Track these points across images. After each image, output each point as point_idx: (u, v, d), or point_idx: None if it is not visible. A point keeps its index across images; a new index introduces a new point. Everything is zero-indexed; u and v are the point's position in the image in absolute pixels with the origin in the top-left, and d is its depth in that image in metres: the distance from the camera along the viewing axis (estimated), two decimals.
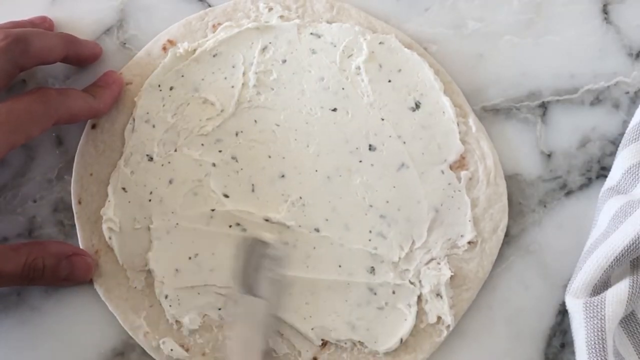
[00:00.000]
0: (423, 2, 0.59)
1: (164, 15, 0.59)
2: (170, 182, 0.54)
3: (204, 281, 0.53)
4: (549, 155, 0.57)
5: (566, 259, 0.55)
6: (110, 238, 0.54)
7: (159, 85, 0.56)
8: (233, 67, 0.56)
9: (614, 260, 0.51)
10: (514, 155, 0.57)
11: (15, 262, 0.50)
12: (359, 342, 0.53)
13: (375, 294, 0.54)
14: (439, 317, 0.54)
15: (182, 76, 0.56)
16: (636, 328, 0.53)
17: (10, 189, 0.56)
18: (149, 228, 0.54)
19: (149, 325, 0.53)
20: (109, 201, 0.54)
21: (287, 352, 0.53)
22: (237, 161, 0.55)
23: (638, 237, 0.51)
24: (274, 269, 0.52)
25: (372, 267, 0.54)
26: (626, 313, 0.52)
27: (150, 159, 0.55)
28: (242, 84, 0.56)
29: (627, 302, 0.51)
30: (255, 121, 0.55)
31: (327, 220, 0.54)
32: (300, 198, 0.54)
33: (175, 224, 0.54)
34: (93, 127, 0.56)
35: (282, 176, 0.55)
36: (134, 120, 0.55)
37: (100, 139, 0.56)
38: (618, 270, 0.53)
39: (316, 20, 0.58)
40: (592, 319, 0.50)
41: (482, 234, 0.55)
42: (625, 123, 0.57)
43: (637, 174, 0.54)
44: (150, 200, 0.54)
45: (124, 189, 0.54)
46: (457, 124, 0.56)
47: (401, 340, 0.53)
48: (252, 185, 0.55)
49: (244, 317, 0.52)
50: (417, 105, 0.56)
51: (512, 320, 0.55)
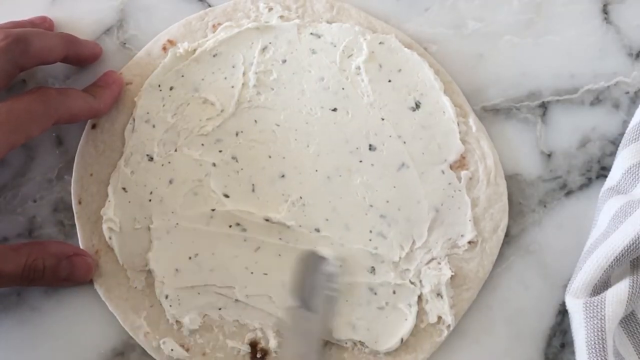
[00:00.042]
0: (423, 2, 0.59)
1: (164, 15, 0.59)
2: (170, 182, 0.54)
3: (204, 281, 0.53)
4: (549, 155, 0.57)
5: (566, 259, 0.55)
6: (110, 238, 0.54)
7: (159, 85, 0.56)
8: (233, 67, 0.56)
9: (614, 260, 0.51)
10: (514, 155, 0.57)
11: (16, 263, 0.50)
12: (360, 342, 0.53)
13: (375, 293, 0.53)
14: (440, 317, 0.53)
15: (182, 76, 0.56)
16: (636, 328, 0.53)
17: (10, 189, 0.56)
18: (149, 228, 0.54)
19: (149, 325, 0.53)
20: (109, 201, 0.54)
21: None
22: (237, 161, 0.55)
23: (638, 237, 0.51)
24: (328, 285, 0.52)
25: (372, 267, 0.54)
26: (626, 313, 0.52)
27: (151, 159, 0.55)
28: (242, 84, 0.56)
29: (627, 302, 0.51)
30: (255, 121, 0.55)
31: (327, 220, 0.54)
32: (301, 198, 0.54)
33: (175, 224, 0.54)
34: (93, 127, 0.56)
35: (282, 176, 0.55)
36: (134, 120, 0.55)
37: (100, 139, 0.56)
38: (618, 270, 0.53)
39: (316, 20, 0.58)
40: (592, 319, 0.50)
41: (483, 233, 0.55)
42: (625, 123, 0.57)
43: (637, 174, 0.54)
44: (150, 200, 0.54)
45: (124, 189, 0.54)
46: (457, 124, 0.56)
47: (402, 340, 0.53)
48: (252, 185, 0.55)
49: (299, 331, 0.51)
50: (417, 105, 0.56)
51: (512, 320, 0.55)
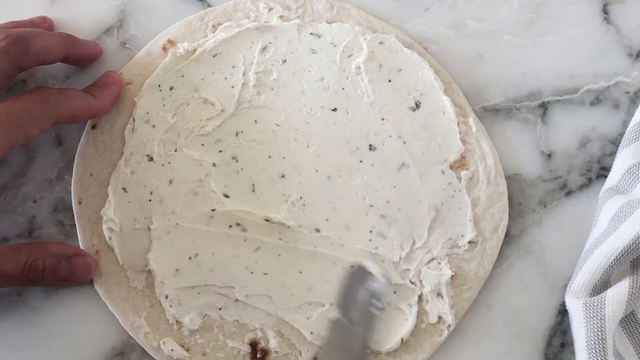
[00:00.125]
0: (423, 2, 0.59)
1: (164, 15, 0.59)
2: (170, 182, 0.54)
3: (204, 281, 0.53)
4: (549, 155, 0.57)
5: (566, 259, 0.55)
6: (110, 238, 0.54)
7: (159, 85, 0.56)
8: (233, 67, 0.56)
9: (614, 260, 0.51)
10: (514, 155, 0.57)
11: (16, 263, 0.50)
12: None
13: None
14: (440, 317, 0.53)
15: (182, 76, 0.56)
16: (636, 328, 0.53)
17: (10, 189, 0.56)
18: (149, 228, 0.54)
19: (149, 326, 0.53)
20: (109, 201, 0.54)
21: (287, 352, 0.53)
22: (237, 161, 0.55)
23: (638, 237, 0.51)
24: (373, 302, 0.51)
25: None
26: (626, 313, 0.52)
27: (151, 159, 0.55)
28: (242, 84, 0.56)
29: (627, 302, 0.51)
30: (256, 121, 0.55)
31: (327, 220, 0.54)
32: (301, 198, 0.54)
33: (175, 224, 0.54)
34: (93, 127, 0.56)
35: (283, 176, 0.55)
36: (134, 120, 0.55)
37: (100, 139, 0.55)
38: (618, 270, 0.53)
39: (316, 20, 0.58)
40: (592, 319, 0.50)
41: (483, 233, 0.55)
42: (625, 123, 0.57)
43: (637, 174, 0.54)
44: (150, 201, 0.54)
45: (124, 189, 0.54)
46: (457, 124, 0.56)
47: (402, 340, 0.53)
48: (253, 185, 0.55)
49: (339, 344, 0.50)
50: (417, 105, 0.56)
51: (512, 320, 0.55)
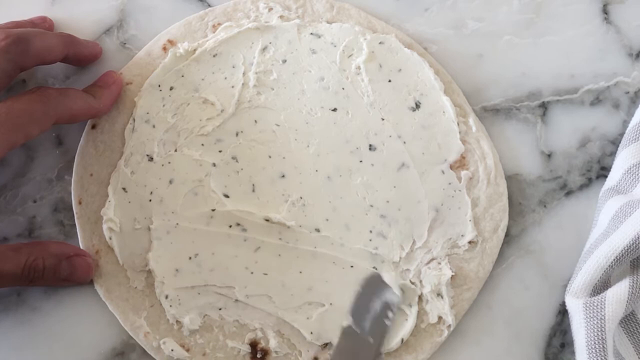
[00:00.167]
0: (423, 2, 0.59)
1: (164, 15, 0.59)
2: (170, 182, 0.54)
3: (204, 281, 0.53)
4: (549, 155, 0.57)
5: (566, 259, 0.55)
6: (110, 238, 0.54)
7: (159, 85, 0.56)
8: (233, 67, 0.56)
9: (614, 260, 0.51)
10: (514, 155, 0.57)
11: (16, 263, 0.50)
12: None
13: None
14: (440, 317, 0.53)
15: (182, 76, 0.56)
16: (636, 328, 0.53)
17: (10, 189, 0.56)
18: (149, 228, 0.54)
19: (149, 326, 0.53)
20: (109, 201, 0.54)
21: (287, 352, 0.53)
22: (237, 161, 0.55)
23: (638, 237, 0.51)
24: (386, 313, 0.50)
25: (373, 267, 0.54)
26: (626, 313, 0.52)
27: (151, 159, 0.55)
28: (242, 84, 0.56)
29: (627, 302, 0.51)
30: (256, 121, 0.55)
31: (327, 220, 0.54)
32: (301, 198, 0.54)
33: (175, 224, 0.54)
34: (93, 127, 0.56)
35: (283, 176, 0.55)
36: (134, 120, 0.55)
37: (100, 139, 0.55)
38: (618, 270, 0.53)
39: (316, 20, 0.58)
40: (592, 319, 0.50)
41: (483, 233, 0.55)
42: (625, 123, 0.57)
43: (637, 174, 0.54)
44: (150, 201, 0.54)
45: (124, 189, 0.54)
46: (457, 124, 0.56)
47: (402, 340, 0.53)
48: (253, 185, 0.55)
49: (350, 351, 0.50)
50: (417, 105, 0.56)
51: (512, 320, 0.55)
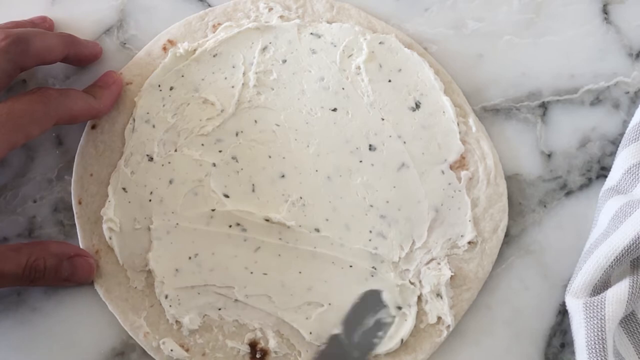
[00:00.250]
0: (423, 2, 0.59)
1: (164, 15, 0.59)
2: (170, 182, 0.54)
3: (204, 281, 0.53)
4: (549, 155, 0.57)
5: (566, 259, 0.55)
6: (110, 238, 0.54)
7: (159, 85, 0.56)
8: (233, 67, 0.56)
9: (614, 260, 0.51)
10: (514, 155, 0.57)
11: (17, 263, 0.50)
12: None
13: None
14: (439, 318, 0.53)
15: (182, 76, 0.56)
16: (636, 328, 0.53)
17: (10, 189, 0.56)
18: (149, 228, 0.54)
19: (149, 326, 0.53)
20: (109, 201, 0.54)
21: (287, 352, 0.53)
22: (237, 161, 0.55)
23: (638, 237, 0.51)
24: (378, 333, 0.50)
25: (372, 267, 0.54)
26: (626, 313, 0.52)
27: (151, 159, 0.55)
28: (242, 84, 0.56)
29: (627, 302, 0.51)
30: (256, 121, 0.55)
31: (327, 220, 0.54)
32: (301, 198, 0.54)
33: (175, 224, 0.54)
34: (93, 127, 0.56)
35: (283, 176, 0.55)
36: (134, 120, 0.55)
37: (100, 139, 0.56)
38: (618, 270, 0.53)
39: (316, 20, 0.58)
40: (592, 319, 0.50)
41: (482, 234, 0.55)
42: (625, 123, 0.57)
43: (637, 174, 0.54)
44: (150, 201, 0.54)
45: (124, 189, 0.54)
46: (457, 124, 0.56)
47: (401, 340, 0.53)
48: (253, 185, 0.55)
49: (333, 359, 0.50)
50: (417, 105, 0.56)
51: (512, 320, 0.55)
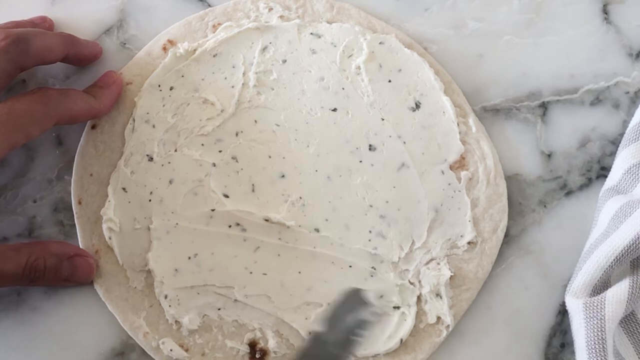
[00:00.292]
0: (423, 2, 0.59)
1: (164, 15, 0.59)
2: (170, 182, 0.54)
3: (204, 281, 0.53)
4: (549, 155, 0.57)
5: (566, 259, 0.55)
6: (110, 238, 0.54)
7: (159, 85, 0.56)
8: (233, 67, 0.56)
9: (614, 260, 0.51)
10: (514, 155, 0.57)
11: (17, 262, 0.50)
12: None
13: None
14: (439, 318, 0.53)
15: (182, 76, 0.56)
16: (636, 328, 0.53)
17: (10, 189, 0.56)
18: (149, 228, 0.54)
19: (148, 326, 0.53)
20: (109, 201, 0.54)
21: (286, 352, 0.53)
22: (237, 161, 0.55)
23: (638, 237, 0.51)
24: (357, 330, 0.48)
25: (372, 267, 0.54)
26: (626, 313, 0.52)
27: (150, 159, 0.55)
28: (242, 84, 0.56)
29: (627, 302, 0.51)
30: (255, 121, 0.55)
31: (327, 220, 0.54)
32: (300, 198, 0.54)
33: (175, 224, 0.54)
34: (93, 127, 0.56)
35: (282, 176, 0.55)
36: (134, 120, 0.55)
37: (100, 139, 0.56)
38: (618, 270, 0.53)
39: (316, 20, 0.58)
40: (592, 319, 0.50)
41: (482, 234, 0.55)
42: (625, 123, 0.57)
43: (637, 174, 0.54)
44: (150, 201, 0.54)
45: (124, 189, 0.54)
46: (457, 124, 0.56)
47: (401, 340, 0.53)
48: (252, 185, 0.55)
49: (313, 357, 0.48)
50: (417, 105, 0.56)
51: (512, 320, 0.55)
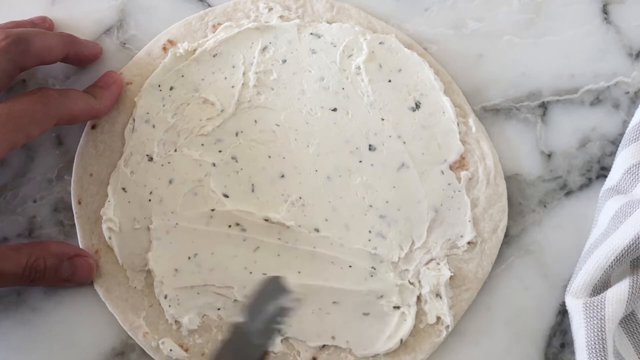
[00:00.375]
0: (423, 2, 0.59)
1: (164, 15, 0.59)
2: (170, 182, 0.54)
3: (204, 281, 0.53)
4: (549, 155, 0.57)
5: (566, 259, 0.55)
6: (110, 238, 0.54)
7: (159, 85, 0.56)
8: (233, 67, 0.56)
9: (614, 260, 0.51)
10: (514, 155, 0.57)
11: (17, 263, 0.50)
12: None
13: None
14: (439, 318, 0.53)
15: (182, 76, 0.56)
16: (636, 328, 0.53)
17: (10, 189, 0.56)
18: (148, 228, 0.54)
19: (148, 326, 0.53)
20: (108, 201, 0.54)
21: (286, 352, 0.53)
22: (237, 161, 0.55)
23: (638, 237, 0.51)
24: (277, 319, 0.47)
25: (372, 267, 0.54)
26: (626, 313, 0.52)
27: (150, 159, 0.55)
28: (242, 84, 0.56)
29: (627, 302, 0.51)
30: (255, 121, 0.55)
31: (326, 220, 0.54)
32: (300, 198, 0.54)
33: (175, 224, 0.54)
34: (93, 127, 0.56)
35: (282, 176, 0.55)
36: (134, 120, 0.55)
37: (100, 139, 0.56)
38: (618, 270, 0.53)
39: (316, 20, 0.58)
40: (592, 319, 0.50)
41: (482, 234, 0.55)
42: (625, 123, 0.57)
43: (637, 174, 0.54)
44: (150, 200, 0.54)
45: (124, 189, 0.54)
46: (457, 124, 0.56)
47: (401, 340, 0.53)
48: (252, 185, 0.55)
49: (235, 348, 0.47)
50: (417, 105, 0.56)
51: (512, 320, 0.55)
